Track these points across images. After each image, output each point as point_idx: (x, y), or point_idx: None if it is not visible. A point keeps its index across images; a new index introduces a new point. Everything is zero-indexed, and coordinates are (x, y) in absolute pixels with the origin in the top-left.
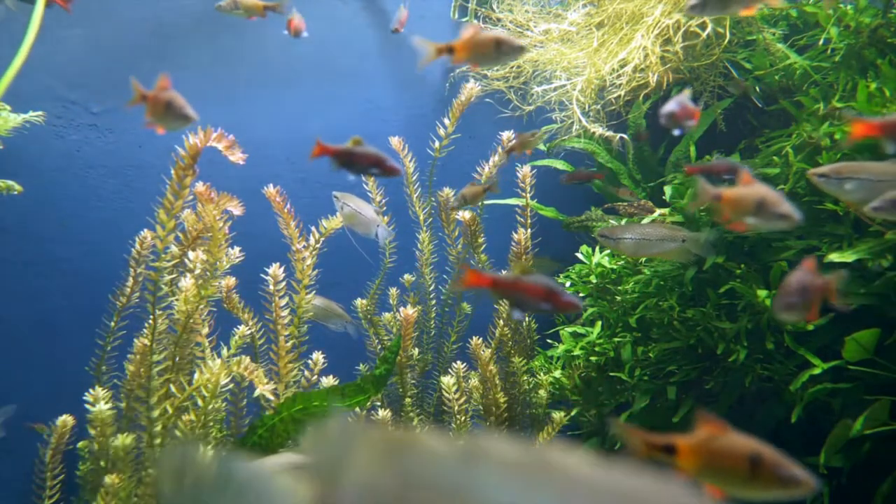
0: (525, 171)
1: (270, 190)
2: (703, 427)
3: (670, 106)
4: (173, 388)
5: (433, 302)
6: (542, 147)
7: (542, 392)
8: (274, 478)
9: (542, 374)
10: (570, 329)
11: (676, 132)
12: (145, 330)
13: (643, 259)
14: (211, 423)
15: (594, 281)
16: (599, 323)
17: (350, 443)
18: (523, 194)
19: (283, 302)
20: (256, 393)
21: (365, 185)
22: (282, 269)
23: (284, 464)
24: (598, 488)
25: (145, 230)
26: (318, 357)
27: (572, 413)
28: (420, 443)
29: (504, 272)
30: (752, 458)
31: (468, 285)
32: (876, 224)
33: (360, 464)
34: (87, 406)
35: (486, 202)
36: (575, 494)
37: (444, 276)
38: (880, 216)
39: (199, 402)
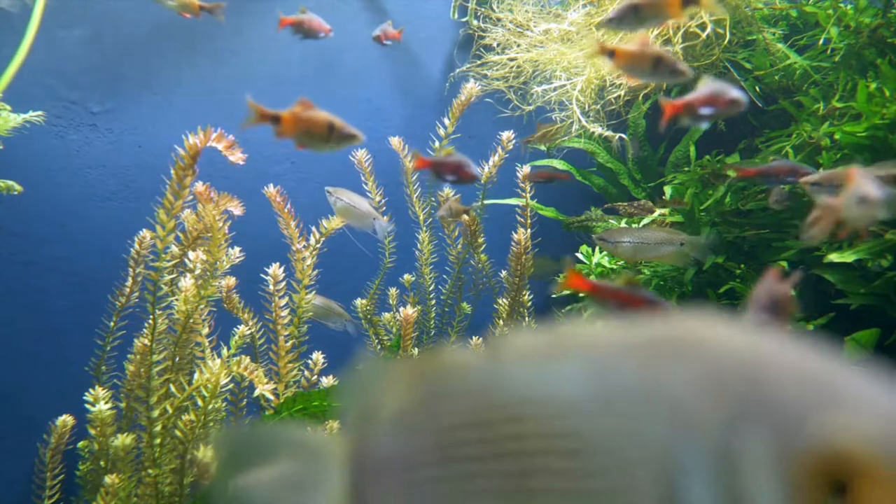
0: (525, 171)
1: (270, 190)
2: None
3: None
4: (173, 388)
5: (433, 302)
6: (541, 147)
7: None
8: (311, 435)
9: None
10: None
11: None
12: (145, 330)
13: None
14: (211, 423)
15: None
16: (599, 323)
17: (377, 383)
18: (523, 194)
19: (283, 302)
20: (256, 393)
21: (364, 185)
22: (282, 269)
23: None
24: (622, 344)
25: (144, 230)
26: (318, 357)
27: None
28: (444, 359)
29: (606, 281)
30: None
31: (569, 287)
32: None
33: (390, 398)
34: (87, 406)
35: (485, 202)
36: (601, 356)
37: (444, 276)
38: (777, 207)
39: (199, 402)
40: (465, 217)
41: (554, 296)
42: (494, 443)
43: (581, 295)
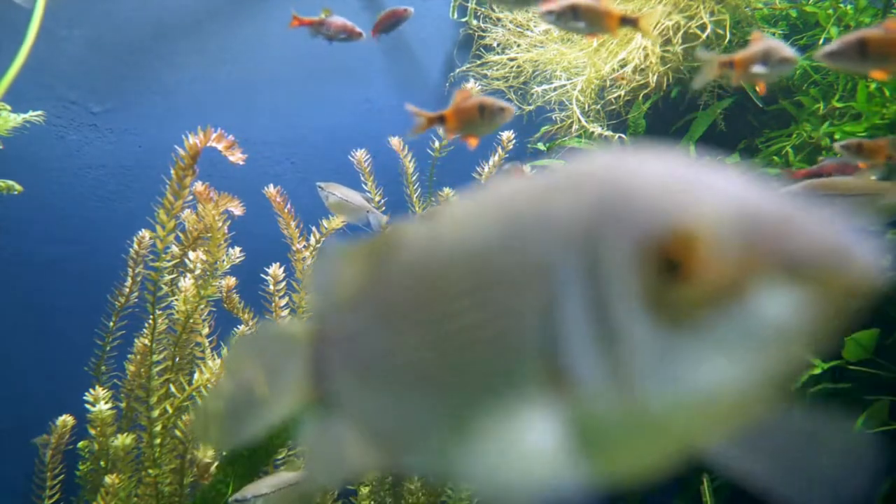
0: (525, 172)
1: (270, 190)
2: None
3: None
4: (173, 388)
5: None
6: (541, 147)
7: None
8: (287, 325)
9: None
10: None
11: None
12: (145, 330)
13: None
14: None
15: None
16: None
17: (337, 270)
18: None
19: (284, 302)
20: None
21: (364, 185)
22: (282, 269)
23: (280, 482)
24: (528, 187)
25: (144, 230)
26: None
27: None
28: (390, 238)
29: None
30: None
31: None
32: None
33: (347, 281)
34: (88, 406)
35: None
36: (509, 202)
37: None
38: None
39: (200, 402)
40: None
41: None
42: (425, 304)
43: None
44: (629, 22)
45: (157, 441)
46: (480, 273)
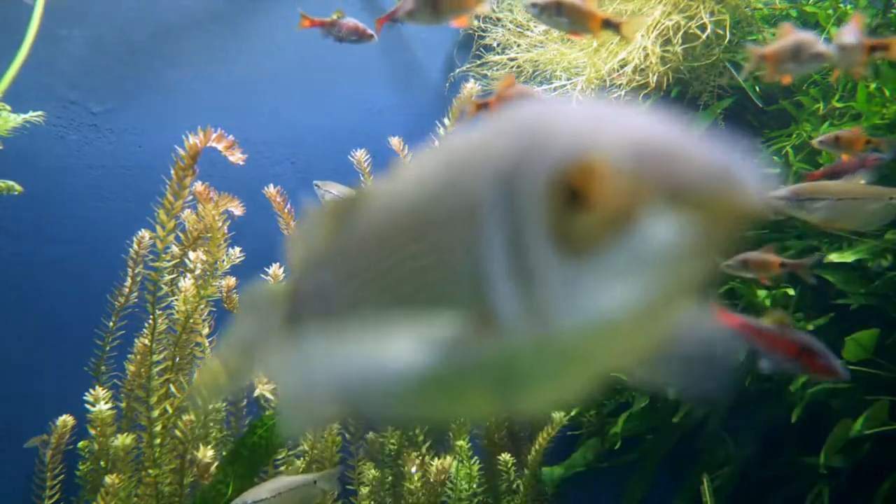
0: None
1: (270, 190)
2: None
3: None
4: (173, 388)
5: None
6: None
7: None
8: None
9: None
10: None
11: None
12: (145, 330)
13: None
14: (211, 424)
15: None
16: None
17: (312, 231)
18: None
19: None
20: (256, 393)
21: (364, 185)
22: (282, 269)
23: (280, 487)
24: (474, 135)
25: (143, 230)
26: None
27: (572, 413)
28: (355, 199)
29: (756, 321)
30: None
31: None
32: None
33: (319, 242)
34: (88, 406)
35: None
36: (456, 150)
37: None
38: (731, 272)
39: (199, 402)
40: None
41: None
42: (381, 254)
43: None
44: (611, 25)
45: (157, 441)
46: (425, 220)
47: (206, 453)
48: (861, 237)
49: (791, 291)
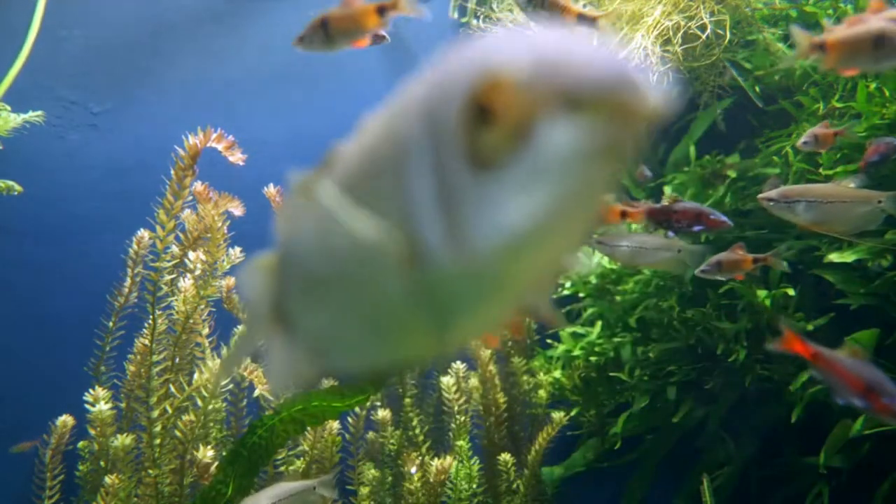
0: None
1: (270, 190)
2: None
3: None
4: (173, 389)
5: None
6: None
7: (541, 392)
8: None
9: (541, 374)
10: (569, 329)
11: None
12: (145, 330)
13: None
14: (211, 424)
15: (594, 281)
16: (599, 323)
17: (294, 199)
18: None
19: None
20: (256, 393)
21: None
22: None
23: (279, 493)
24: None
25: (143, 230)
26: None
27: (572, 413)
28: (331, 159)
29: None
30: None
31: (786, 349)
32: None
33: (298, 209)
34: (88, 406)
35: None
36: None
37: None
38: (706, 276)
39: (199, 403)
40: None
41: (554, 296)
42: (324, 261)
43: (582, 296)
44: (586, 20)
45: (157, 441)
46: (370, 169)
47: (206, 453)
48: (861, 237)
49: (791, 291)
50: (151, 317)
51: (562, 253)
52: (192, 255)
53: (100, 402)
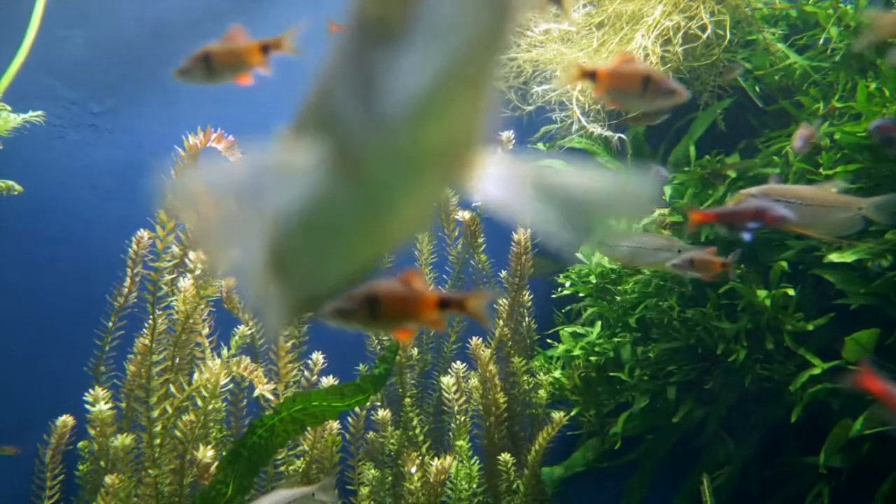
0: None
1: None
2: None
3: None
4: (173, 389)
5: None
6: (541, 147)
7: (541, 392)
8: None
9: (541, 374)
10: (569, 329)
11: None
12: (145, 330)
13: None
14: (211, 424)
15: (594, 281)
16: (599, 323)
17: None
18: None
19: None
20: (256, 393)
21: None
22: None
23: (278, 501)
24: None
25: (143, 230)
26: (317, 357)
27: (572, 413)
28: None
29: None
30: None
31: (858, 386)
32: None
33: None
34: (87, 406)
35: None
36: None
37: (444, 277)
38: (678, 271)
39: (199, 403)
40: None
41: (554, 296)
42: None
43: (582, 296)
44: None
45: (157, 441)
46: (313, 99)
47: (206, 453)
48: (861, 237)
49: (791, 291)
50: (151, 317)
51: (467, 123)
52: (192, 254)
53: (100, 402)
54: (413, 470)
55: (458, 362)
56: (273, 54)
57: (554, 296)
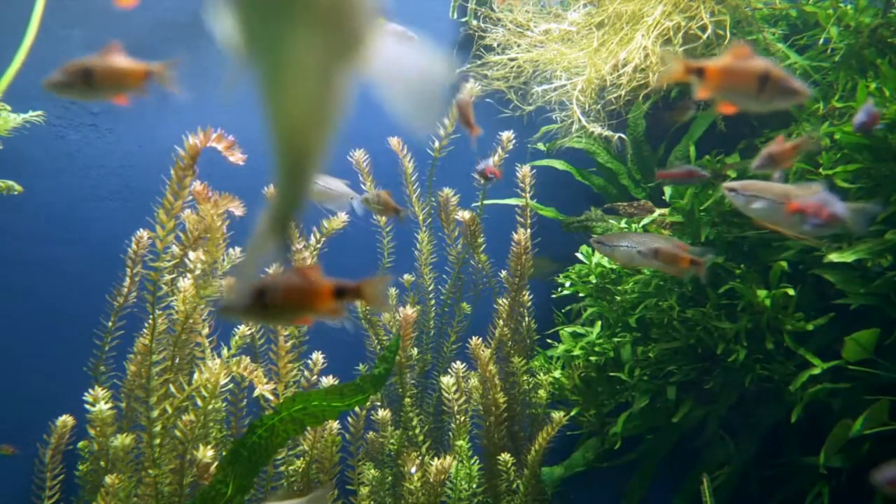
0: (525, 171)
1: (271, 190)
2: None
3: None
4: (173, 389)
5: (432, 302)
6: (541, 147)
7: (541, 392)
8: None
9: (541, 374)
10: (569, 329)
11: None
12: (145, 330)
13: None
14: (211, 424)
15: (594, 281)
16: (599, 323)
17: None
18: (523, 194)
19: None
20: (256, 393)
21: (363, 185)
22: (282, 269)
23: None
24: None
25: (142, 230)
26: (317, 357)
27: (572, 413)
28: None
29: None
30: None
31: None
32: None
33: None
34: (87, 406)
35: (485, 202)
36: None
37: (444, 277)
38: (642, 259)
39: (199, 403)
40: (391, 212)
41: (554, 296)
42: None
43: (582, 296)
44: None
45: (157, 441)
46: None
47: (206, 453)
48: (861, 237)
49: (791, 291)
50: (151, 317)
51: None
52: (191, 254)
53: (100, 402)
54: (413, 470)
55: (458, 362)
56: (152, 80)
57: (554, 296)
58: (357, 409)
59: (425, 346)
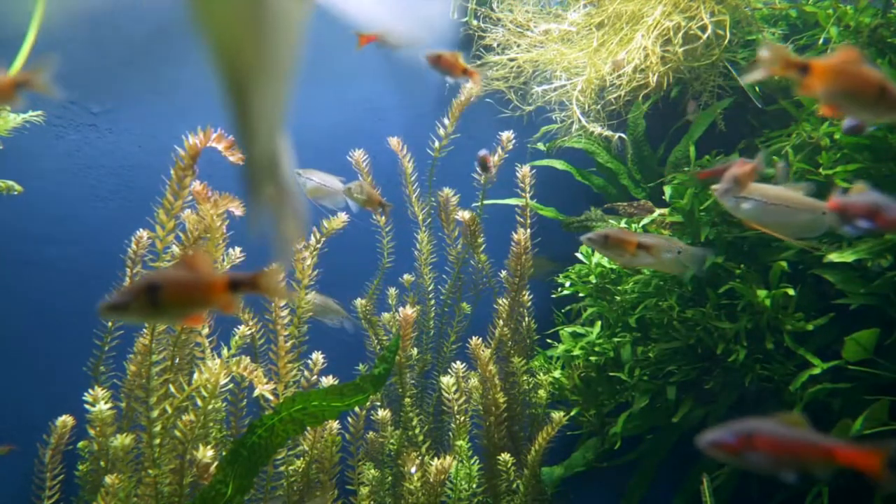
0: (525, 171)
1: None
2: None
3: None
4: (173, 389)
5: (432, 302)
6: (541, 147)
7: (541, 392)
8: None
9: (541, 374)
10: (569, 329)
11: None
12: (144, 330)
13: None
14: (211, 424)
15: (594, 281)
16: (599, 323)
17: None
18: (523, 194)
19: (283, 302)
20: (256, 393)
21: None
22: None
23: None
24: None
25: (142, 230)
26: (317, 357)
27: (572, 413)
28: None
29: None
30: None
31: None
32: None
33: None
34: (87, 406)
35: (485, 202)
36: None
37: (444, 277)
38: (590, 245)
39: (199, 403)
40: (377, 205)
41: (554, 296)
42: None
43: (582, 296)
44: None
45: (157, 441)
46: None
47: (206, 453)
48: (861, 237)
49: (791, 291)
50: None
51: None
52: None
53: (99, 402)
54: (413, 470)
55: (458, 362)
56: (26, 90)
57: (554, 296)
58: (357, 409)
59: (425, 346)
